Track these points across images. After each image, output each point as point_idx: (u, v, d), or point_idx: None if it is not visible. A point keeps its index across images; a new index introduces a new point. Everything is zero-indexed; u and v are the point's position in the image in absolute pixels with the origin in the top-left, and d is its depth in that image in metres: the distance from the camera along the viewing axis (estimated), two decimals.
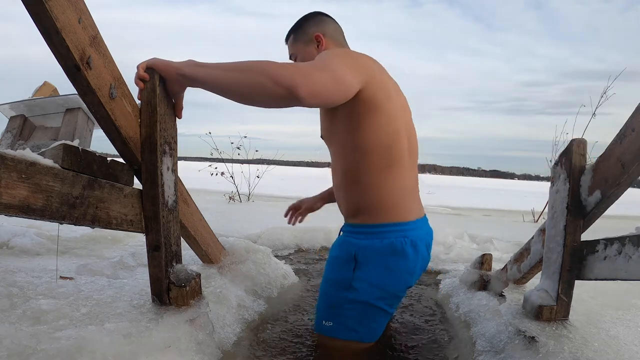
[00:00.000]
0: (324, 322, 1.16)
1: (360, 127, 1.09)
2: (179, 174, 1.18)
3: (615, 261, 0.94)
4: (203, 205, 1.52)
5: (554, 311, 1.10)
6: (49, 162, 0.80)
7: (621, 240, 0.93)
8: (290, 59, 1.32)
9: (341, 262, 1.17)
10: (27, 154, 0.76)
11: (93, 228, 0.95)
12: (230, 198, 5.22)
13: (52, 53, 0.80)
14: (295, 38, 1.30)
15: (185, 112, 1.11)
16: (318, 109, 1.25)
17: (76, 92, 0.88)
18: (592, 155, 1.27)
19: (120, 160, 1.06)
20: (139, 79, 0.99)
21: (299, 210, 1.67)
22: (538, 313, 1.11)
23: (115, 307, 1.05)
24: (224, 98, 0.94)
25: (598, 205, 1.05)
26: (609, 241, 0.98)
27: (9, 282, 1.16)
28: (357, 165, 1.13)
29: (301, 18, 1.31)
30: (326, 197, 1.64)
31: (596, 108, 4.41)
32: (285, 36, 1.35)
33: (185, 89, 1.03)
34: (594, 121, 4.43)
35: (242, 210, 4.18)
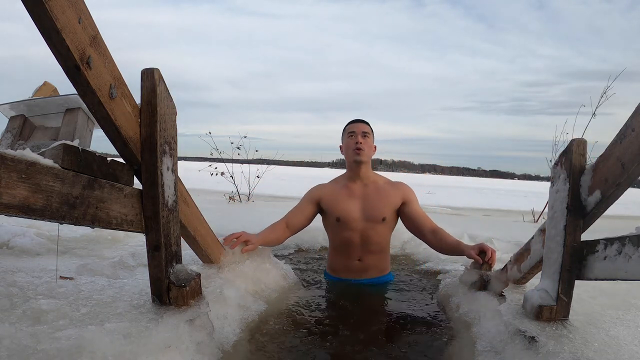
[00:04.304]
0: None
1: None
2: (179, 174, 1.18)
3: (615, 261, 0.94)
4: (203, 205, 1.52)
5: (554, 311, 1.10)
6: (49, 162, 0.80)
7: (621, 240, 0.93)
8: (364, 133, 1.93)
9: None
10: (27, 154, 0.76)
11: (93, 228, 0.95)
12: (230, 198, 5.22)
13: (52, 53, 0.80)
14: (372, 133, 1.98)
15: (185, 112, 1.13)
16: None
17: (76, 92, 0.88)
18: (592, 155, 1.27)
19: (120, 160, 1.06)
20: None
21: (248, 242, 1.69)
22: (538, 313, 1.11)
23: (115, 307, 1.05)
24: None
25: (598, 205, 1.05)
26: (609, 241, 0.98)
27: (9, 282, 1.16)
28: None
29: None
30: (263, 241, 1.80)
31: (596, 108, 4.41)
32: (364, 120, 1.98)
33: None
34: (594, 121, 4.42)
35: (242, 211, 4.18)
